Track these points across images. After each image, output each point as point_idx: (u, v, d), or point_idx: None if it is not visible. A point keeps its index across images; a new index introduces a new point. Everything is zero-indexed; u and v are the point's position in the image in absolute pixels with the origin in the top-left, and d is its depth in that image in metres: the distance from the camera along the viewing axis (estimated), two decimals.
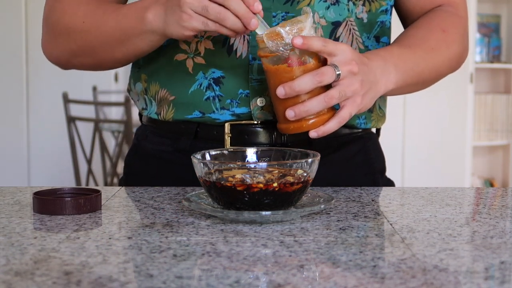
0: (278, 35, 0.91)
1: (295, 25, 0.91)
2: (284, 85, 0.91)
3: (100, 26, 1.04)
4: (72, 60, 1.10)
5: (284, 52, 0.92)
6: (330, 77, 0.90)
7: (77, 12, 1.07)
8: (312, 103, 0.91)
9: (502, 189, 1.08)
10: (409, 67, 1.02)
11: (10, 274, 0.61)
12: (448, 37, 1.09)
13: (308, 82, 0.90)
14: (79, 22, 1.06)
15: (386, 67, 0.98)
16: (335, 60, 0.92)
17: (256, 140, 1.04)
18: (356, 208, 0.90)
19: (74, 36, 1.06)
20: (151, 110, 1.10)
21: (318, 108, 0.91)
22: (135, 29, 1.00)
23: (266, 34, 0.91)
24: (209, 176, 0.82)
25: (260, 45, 0.94)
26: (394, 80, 1.00)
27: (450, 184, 3.76)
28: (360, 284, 0.59)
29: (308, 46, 0.90)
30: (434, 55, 1.07)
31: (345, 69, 0.91)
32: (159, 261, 0.65)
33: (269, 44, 0.91)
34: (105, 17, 1.03)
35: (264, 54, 0.93)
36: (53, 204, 0.85)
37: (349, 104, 0.93)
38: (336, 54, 0.91)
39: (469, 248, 0.71)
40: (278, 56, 0.92)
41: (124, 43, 1.02)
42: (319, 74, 0.90)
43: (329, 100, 0.91)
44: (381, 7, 1.09)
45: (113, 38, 1.03)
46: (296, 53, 0.92)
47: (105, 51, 1.05)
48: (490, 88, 4.25)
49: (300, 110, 0.91)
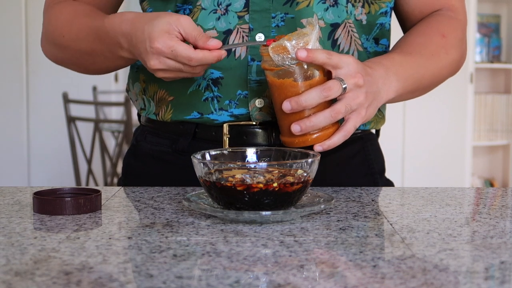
0: (284, 49, 0.90)
1: (301, 39, 0.90)
2: (290, 100, 0.90)
3: (78, 45, 1.06)
4: (63, 63, 1.14)
5: (290, 67, 0.91)
6: (337, 92, 0.90)
7: (57, 23, 1.10)
8: (319, 118, 0.91)
9: (502, 189, 1.08)
10: (410, 75, 1.03)
11: (10, 274, 0.61)
12: (447, 42, 1.09)
13: (315, 97, 0.90)
14: (60, 36, 1.09)
15: (388, 76, 0.98)
16: (340, 73, 0.91)
17: (254, 141, 1.04)
18: (356, 208, 0.90)
19: (58, 47, 1.10)
20: (149, 110, 1.10)
21: (324, 123, 0.91)
22: (113, 53, 1.01)
23: (272, 48, 0.91)
24: (209, 176, 0.82)
25: (264, 57, 0.93)
26: (395, 89, 1.00)
27: (450, 184, 3.76)
28: (360, 284, 0.59)
29: (313, 59, 0.89)
30: (434, 61, 1.07)
31: (351, 82, 0.91)
32: (159, 261, 0.65)
33: (275, 58, 0.91)
34: (80, 36, 1.05)
35: (270, 68, 0.93)
36: (53, 204, 0.85)
37: (354, 116, 0.93)
38: (341, 66, 0.91)
39: (469, 248, 0.71)
40: (283, 70, 0.91)
41: (104, 61, 1.05)
42: (326, 89, 0.90)
43: (335, 115, 0.91)
44: (381, 9, 1.09)
45: (92, 56, 1.05)
46: (302, 67, 0.91)
47: (88, 64, 1.09)
48: (490, 88, 4.25)
49: (306, 126, 0.91)
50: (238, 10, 1.02)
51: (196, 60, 0.91)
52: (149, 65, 0.93)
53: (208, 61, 0.92)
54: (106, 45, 1.01)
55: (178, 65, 0.93)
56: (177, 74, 0.95)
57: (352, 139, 1.12)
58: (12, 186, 1.05)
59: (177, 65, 0.93)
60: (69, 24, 1.07)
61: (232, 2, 1.02)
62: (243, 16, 1.02)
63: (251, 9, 1.02)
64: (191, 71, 0.94)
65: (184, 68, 0.93)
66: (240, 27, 1.02)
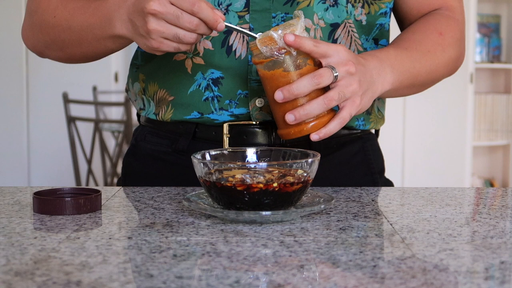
0: (271, 40, 0.90)
1: (287, 28, 0.91)
2: (282, 89, 0.90)
3: (69, 23, 1.03)
4: (46, 51, 1.11)
5: (279, 57, 0.91)
6: (328, 79, 0.90)
7: (49, 5, 1.07)
8: (312, 106, 0.90)
9: (502, 189, 1.08)
10: (405, 69, 1.02)
11: (10, 274, 0.61)
12: (444, 40, 1.09)
13: (306, 85, 0.90)
14: (51, 17, 1.06)
15: (383, 68, 0.98)
16: (330, 61, 0.91)
17: (254, 140, 1.04)
18: (356, 208, 0.90)
19: (46, 29, 1.07)
20: (149, 110, 1.10)
21: (318, 110, 0.91)
22: (104, 32, 0.99)
23: (259, 40, 0.91)
24: (209, 176, 0.82)
25: (254, 52, 0.93)
26: (391, 81, 1.00)
27: (450, 184, 3.76)
28: (360, 284, 0.59)
29: (299, 44, 0.89)
30: (430, 58, 1.07)
31: (343, 69, 0.91)
32: (159, 261, 0.65)
33: (263, 50, 0.91)
34: (75, 14, 1.02)
35: (259, 61, 0.93)
36: (53, 204, 0.85)
37: (348, 104, 0.93)
38: (330, 55, 0.91)
39: (469, 248, 0.71)
40: (273, 61, 0.92)
41: (93, 42, 1.02)
42: (316, 76, 0.90)
43: (328, 102, 0.91)
44: (380, 10, 1.09)
45: (82, 37, 1.02)
46: (292, 55, 0.91)
47: (75, 47, 1.05)
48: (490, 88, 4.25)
49: (300, 114, 0.91)
50: (238, 10, 1.02)
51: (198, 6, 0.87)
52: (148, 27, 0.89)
53: (207, 16, 0.88)
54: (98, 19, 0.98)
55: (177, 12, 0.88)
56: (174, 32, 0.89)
57: (352, 139, 1.12)
58: (12, 186, 1.05)
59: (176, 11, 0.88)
60: (63, 4, 1.05)
61: (233, 2, 1.02)
62: (244, 16, 1.02)
63: (252, 9, 1.02)
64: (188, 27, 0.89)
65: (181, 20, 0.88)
66: (241, 27, 1.02)
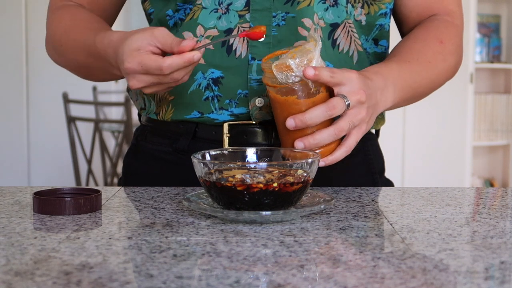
0: (288, 68, 0.90)
1: (305, 56, 0.90)
2: (294, 118, 0.90)
3: (75, 55, 1.07)
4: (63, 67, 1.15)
5: (294, 84, 0.91)
6: (341, 110, 0.91)
7: (56, 32, 1.11)
8: (323, 136, 0.91)
9: (502, 189, 1.08)
10: (407, 84, 1.03)
11: (10, 274, 0.61)
12: (445, 49, 1.09)
13: (319, 115, 0.90)
14: (59, 45, 1.10)
15: (386, 86, 0.99)
16: (343, 90, 0.92)
17: (254, 140, 1.04)
18: (356, 208, 0.90)
19: (57, 53, 1.12)
20: (150, 110, 1.10)
21: (328, 140, 0.92)
22: (106, 69, 1.02)
23: (276, 66, 0.90)
24: (209, 176, 0.82)
25: (266, 73, 0.93)
26: (392, 99, 1.01)
27: (450, 184, 3.76)
28: (360, 284, 0.59)
29: (318, 77, 0.90)
30: (431, 69, 1.07)
31: (354, 99, 0.91)
32: (159, 261, 0.65)
33: (278, 76, 0.91)
34: (77, 49, 1.06)
35: (273, 85, 0.92)
36: (53, 204, 0.85)
37: (355, 131, 0.94)
38: (343, 84, 0.92)
39: (469, 248, 0.71)
40: (286, 87, 0.91)
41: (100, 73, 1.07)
42: (330, 108, 0.90)
43: (339, 132, 0.92)
44: (380, 10, 1.09)
45: (89, 68, 1.07)
46: (306, 84, 0.91)
47: (85, 74, 1.11)
48: (490, 88, 4.25)
49: (310, 143, 0.91)
50: (239, 9, 1.02)
51: (167, 67, 0.89)
52: (130, 85, 0.93)
53: (179, 65, 0.89)
54: (100, 62, 1.02)
55: (154, 79, 0.91)
56: (162, 87, 0.94)
57: None
58: (12, 186, 1.05)
59: (154, 78, 0.91)
60: (66, 35, 1.08)
61: (233, 1, 1.02)
62: (244, 15, 1.02)
63: (252, 8, 1.02)
64: (173, 79, 0.92)
65: (162, 79, 0.91)
66: (241, 26, 1.02)
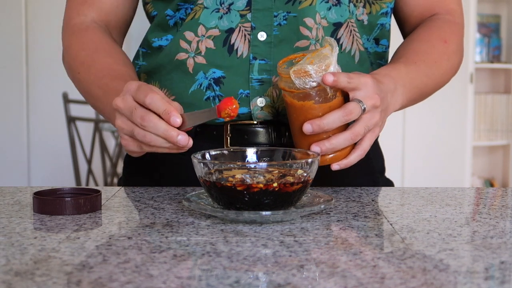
0: (306, 73, 0.90)
1: (322, 62, 0.90)
2: (311, 123, 0.91)
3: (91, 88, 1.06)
4: None
5: (312, 90, 0.91)
6: (357, 114, 0.91)
7: (76, 60, 1.09)
8: (339, 141, 0.91)
9: (502, 189, 1.08)
10: (415, 85, 1.04)
11: (10, 274, 0.61)
12: (448, 48, 1.10)
13: (336, 121, 0.90)
14: (76, 72, 1.09)
15: (396, 90, 0.99)
16: (358, 94, 0.92)
17: (255, 140, 1.04)
18: (356, 208, 0.90)
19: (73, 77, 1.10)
20: None
21: (344, 144, 0.92)
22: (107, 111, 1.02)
23: (294, 71, 0.90)
24: (209, 176, 0.82)
25: (283, 78, 0.93)
26: (401, 102, 1.01)
27: (450, 184, 3.76)
28: (360, 284, 0.59)
29: (336, 83, 0.90)
30: (436, 69, 1.08)
31: (369, 103, 0.92)
32: (159, 261, 0.65)
33: (296, 82, 0.91)
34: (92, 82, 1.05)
35: (289, 90, 0.92)
36: (53, 204, 0.85)
37: (369, 135, 0.94)
38: (359, 88, 0.92)
39: (469, 248, 0.71)
40: (304, 92, 0.92)
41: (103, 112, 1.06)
42: (347, 113, 0.90)
43: (355, 137, 0.92)
44: (382, 10, 1.09)
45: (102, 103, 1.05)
46: (324, 90, 0.91)
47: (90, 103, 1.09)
48: (490, 88, 4.25)
49: (326, 147, 0.92)
50: (240, 8, 1.02)
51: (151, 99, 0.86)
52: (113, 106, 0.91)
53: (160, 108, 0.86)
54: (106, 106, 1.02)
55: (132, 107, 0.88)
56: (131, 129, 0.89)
57: None
58: (12, 186, 1.05)
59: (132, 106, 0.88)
60: (87, 68, 1.06)
61: (235, 1, 1.02)
62: (246, 15, 1.02)
63: (254, 8, 1.02)
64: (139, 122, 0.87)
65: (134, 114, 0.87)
66: (243, 25, 1.02)
